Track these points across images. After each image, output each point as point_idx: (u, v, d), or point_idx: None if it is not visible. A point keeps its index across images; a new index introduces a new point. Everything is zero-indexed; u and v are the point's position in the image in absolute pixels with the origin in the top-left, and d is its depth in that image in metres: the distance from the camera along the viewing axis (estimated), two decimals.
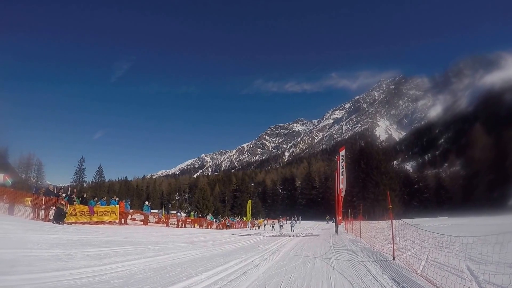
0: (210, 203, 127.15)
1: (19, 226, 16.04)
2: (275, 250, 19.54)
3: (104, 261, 11.20)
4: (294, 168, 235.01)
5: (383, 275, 11.25)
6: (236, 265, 12.86)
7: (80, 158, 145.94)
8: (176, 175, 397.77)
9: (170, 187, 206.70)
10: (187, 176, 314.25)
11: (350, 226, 42.36)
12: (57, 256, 10.74)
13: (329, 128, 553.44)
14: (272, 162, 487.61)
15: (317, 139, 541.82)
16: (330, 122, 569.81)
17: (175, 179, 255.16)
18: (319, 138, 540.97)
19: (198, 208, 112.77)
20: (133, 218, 41.47)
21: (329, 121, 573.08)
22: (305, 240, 28.77)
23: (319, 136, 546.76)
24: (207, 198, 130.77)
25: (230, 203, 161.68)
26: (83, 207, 28.36)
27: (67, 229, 19.60)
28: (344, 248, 20.53)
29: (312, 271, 12.02)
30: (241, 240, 28.40)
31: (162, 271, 10.46)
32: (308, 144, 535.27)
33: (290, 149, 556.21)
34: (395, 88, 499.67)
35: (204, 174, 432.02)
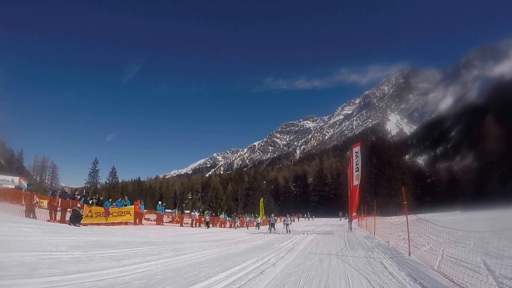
0: (223, 202, 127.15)
1: (37, 228, 16.16)
2: (291, 248, 19.50)
3: (124, 262, 11.26)
4: (305, 165, 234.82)
5: (399, 271, 11.24)
6: (253, 264, 12.87)
7: (94, 160, 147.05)
8: (189, 175, 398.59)
9: (183, 187, 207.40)
10: (199, 175, 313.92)
11: (363, 222, 42.18)
12: (77, 258, 10.83)
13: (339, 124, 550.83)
14: (283, 159, 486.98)
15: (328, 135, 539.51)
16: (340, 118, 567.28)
17: (188, 179, 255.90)
18: (330, 134, 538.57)
19: (211, 207, 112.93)
20: (147, 218, 41.60)
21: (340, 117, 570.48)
22: (320, 238, 28.70)
23: (330, 133, 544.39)
24: (220, 197, 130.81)
25: (243, 201, 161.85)
26: (99, 209, 28.57)
27: (84, 231, 19.74)
28: (359, 245, 20.47)
29: (329, 268, 12.00)
30: (256, 239, 28.40)
31: (181, 271, 10.49)
32: (319, 140, 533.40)
33: (301, 146, 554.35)
34: (405, 82, 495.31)
35: (216, 173, 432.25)
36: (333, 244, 21.55)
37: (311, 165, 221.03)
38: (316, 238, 28.55)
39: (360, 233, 32.04)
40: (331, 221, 77.17)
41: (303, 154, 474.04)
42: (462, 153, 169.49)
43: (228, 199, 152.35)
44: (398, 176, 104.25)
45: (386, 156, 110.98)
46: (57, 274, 8.38)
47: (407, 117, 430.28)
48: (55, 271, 8.65)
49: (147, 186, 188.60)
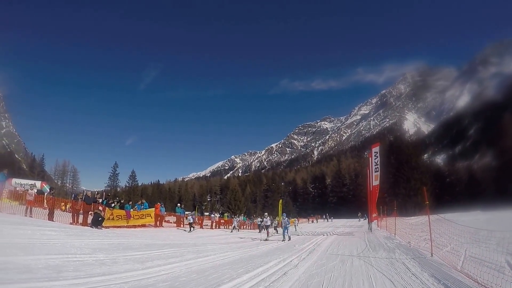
0: (241, 204, 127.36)
1: (61, 231, 16.34)
2: (312, 249, 19.43)
3: (147, 265, 11.33)
4: (323, 166, 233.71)
5: (422, 272, 11.12)
6: (275, 265, 12.84)
7: (114, 164, 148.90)
8: (207, 177, 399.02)
9: (202, 189, 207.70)
10: (218, 177, 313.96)
11: (383, 223, 41.88)
12: (101, 261, 10.92)
13: (357, 124, 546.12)
14: (301, 161, 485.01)
15: (345, 136, 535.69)
16: (357, 118, 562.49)
17: (206, 181, 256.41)
18: (348, 135, 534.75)
19: (230, 209, 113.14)
20: (166, 220, 41.74)
21: (357, 117, 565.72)
22: (340, 239, 28.56)
23: (347, 133, 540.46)
24: (239, 199, 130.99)
25: (261, 203, 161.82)
26: (120, 212, 28.74)
27: (106, 234, 19.89)
28: (380, 246, 20.33)
29: (351, 269, 11.94)
30: (276, 240, 28.36)
31: (205, 273, 10.51)
32: (337, 141, 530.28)
33: (319, 147, 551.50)
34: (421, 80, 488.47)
35: (234, 175, 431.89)
36: (354, 245, 21.41)
37: (329, 166, 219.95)
38: (337, 239, 28.40)
39: (380, 234, 31.80)
40: (350, 222, 76.63)
41: (321, 155, 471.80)
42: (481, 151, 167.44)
43: (247, 201, 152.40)
44: (416, 176, 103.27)
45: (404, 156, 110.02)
46: (82, 276, 8.46)
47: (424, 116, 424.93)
48: (80, 274, 8.74)
49: (166, 189, 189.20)
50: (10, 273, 7.70)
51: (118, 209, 29.11)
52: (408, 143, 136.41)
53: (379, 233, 33.22)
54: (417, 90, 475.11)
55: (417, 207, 75.38)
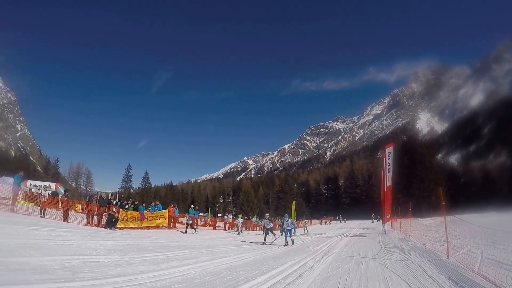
0: (254, 205, 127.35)
1: (76, 232, 16.41)
2: (326, 251, 19.37)
3: (162, 266, 11.34)
4: (336, 167, 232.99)
5: (439, 274, 11.04)
6: (290, 267, 12.80)
7: (127, 166, 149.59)
8: (220, 179, 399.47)
9: (214, 191, 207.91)
10: (230, 179, 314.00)
11: (397, 224, 41.63)
12: (116, 262, 10.95)
13: (369, 124, 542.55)
14: (314, 162, 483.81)
15: (358, 136, 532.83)
16: (370, 118, 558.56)
17: (219, 183, 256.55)
18: (360, 135, 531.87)
19: (243, 210, 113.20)
20: (180, 221, 41.84)
21: (369, 117, 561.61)
22: (354, 240, 28.43)
23: (360, 133, 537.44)
24: (252, 200, 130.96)
25: (274, 204, 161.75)
26: (134, 213, 28.91)
27: (121, 235, 19.97)
28: (395, 248, 20.22)
29: (367, 272, 11.88)
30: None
31: (219, 275, 10.50)
32: (349, 142, 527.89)
33: (331, 148, 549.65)
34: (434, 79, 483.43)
35: (247, 176, 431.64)
36: (368, 247, 21.35)
37: (342, 167, 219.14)
38: (351, 241, 28.29)
39: (395, 236, 31.63)
40: (363, 223, 76.31)
41: (334, 156, 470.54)
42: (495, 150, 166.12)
43: (260, 203, 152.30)
44: (430, 176, 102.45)
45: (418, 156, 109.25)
46: (98, 277, 8.46)
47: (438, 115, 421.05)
48: (96, 275, 8.75)
49: (179, 190, 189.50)
50: (26, 274, 7.72)
51: (132, 211, 29.27)
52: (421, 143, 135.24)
53: (393, 235, 33.04)
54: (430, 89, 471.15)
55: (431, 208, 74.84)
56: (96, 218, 25.17)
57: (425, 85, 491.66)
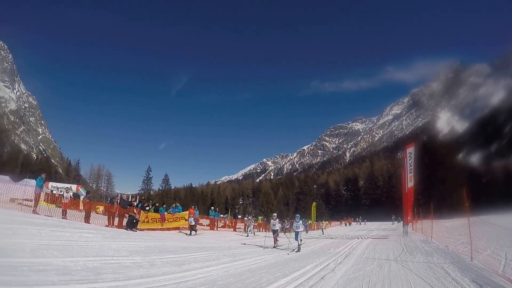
0: (274, 207, 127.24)
1: (98, 234, 16.52)
2: (347, 253, 19.28)
3: (184, 268, 11.33)
4: (356, 168, 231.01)
5: (463, 277, 10.93)
6: (312, 269, 12.74)
7: (147, 168, 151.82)
8: (239, 180, 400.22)
9: (234, 192, 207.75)
10: (250, 181, 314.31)
11: (418, 226, 41.23)
12: (138, 263, 10.99)
13: (389, 124, 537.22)
14: (333, 163, 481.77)
15: (377, 136, 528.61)
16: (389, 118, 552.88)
17: (239, 184, 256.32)
18: (380, 135, 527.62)
19: (263, 211, 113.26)
20: (199, 223, 41.91)
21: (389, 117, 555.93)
22: (375, 242, 28.24)
23: (380, 134, 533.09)
24: (271, 202, 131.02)
25: (294, 206, 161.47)
26: (155, 215, 29.02)
27: (142, 236, 20.07)
28: (417, 250, 20.03)
29: (390, 274, 11.78)
30: (310, 244, 28.19)
31: (242, 276, 10.46)
32: (369, 142, 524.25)
33: (351, 149, 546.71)
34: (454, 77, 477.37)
35: (266, 178, 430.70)
36: (390, 249, 21.18)
37: (362, 168, 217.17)
38: (372, 242, 28.11)
39: (416, 237, 31.35)
40: (383, 225, 75.61)
41: (353, 157, 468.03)
42: None
43: (279, 204, 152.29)
44: (452, 176, 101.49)
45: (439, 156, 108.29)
46: (120, 279, 8.47)
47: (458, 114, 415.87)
48: (119, 276, 8.76)
49: (199, 192, 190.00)
50: (49, 274, 7.77)
51: (152, 212, 29.39)
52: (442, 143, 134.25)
53: (415, 237, 32.77)
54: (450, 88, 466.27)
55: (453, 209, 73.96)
56: (117, 220, 25.38)
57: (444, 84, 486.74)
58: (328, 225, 77.61)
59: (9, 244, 10.17)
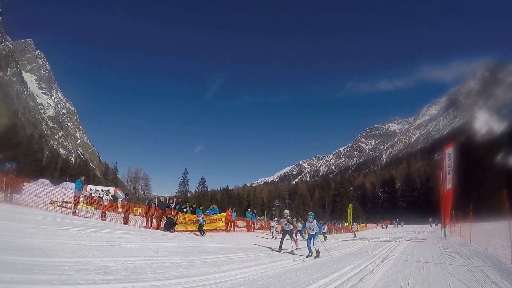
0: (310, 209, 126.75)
1: (137, 235, 16.74)
2: (385, 255, 19.03)
3: (223, 268, 11.36)
4: (392, 170, 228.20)
5: (503, 280, 10.71)
6: (350, 271, 12.61)
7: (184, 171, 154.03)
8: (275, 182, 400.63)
9: (270, 194, 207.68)
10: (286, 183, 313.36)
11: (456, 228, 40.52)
12: (177, 264, 11.07)
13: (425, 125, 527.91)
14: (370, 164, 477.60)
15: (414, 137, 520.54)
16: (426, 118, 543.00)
17: (275, 186, 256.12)
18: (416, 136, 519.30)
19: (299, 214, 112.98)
20: (236, 225, 42.03)
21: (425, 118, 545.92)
22: (413, 245, 27.94)
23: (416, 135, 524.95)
24: (307, 203, 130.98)
25: (330, 208, 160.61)
26: (192, 216, 29.18)
27: (180, 237, 20.25)
28: (455, 253, 19.70)
29: (429, 276, 11.60)
30: (347, 246, 28.09)
31: (281, 277, 10.41)
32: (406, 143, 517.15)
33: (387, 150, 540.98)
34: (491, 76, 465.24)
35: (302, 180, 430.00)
36: (428, 252, 20.91)
37: (398, 169, 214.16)
38: (409, 245, 27.83)
39: (455, 240, 30.87)
40: (420, 227, 74.46)
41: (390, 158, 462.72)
42: None
43: (315, 206, 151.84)
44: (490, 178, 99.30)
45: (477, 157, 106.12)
46: (160, 278, 8.53)
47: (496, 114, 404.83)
48: (159, 276, 8.84)
49: (235, 194, 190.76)
50: (91, 274, 7.89)
51: (190, 214, 29.59)
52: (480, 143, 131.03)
53: (453, 239, 32.28)
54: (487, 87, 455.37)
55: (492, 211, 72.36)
56: (155, 221, 25.70)
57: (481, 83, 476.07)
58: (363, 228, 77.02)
59: (50, 244, 10.39)
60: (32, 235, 11.25)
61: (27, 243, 9.83)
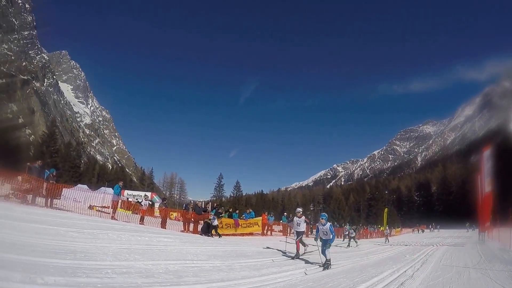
0: (345, 213, 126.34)
1: (176, 238, 16.89)
2: (424, 260, 18.83)
3: (262, 272, 11.37)
4: (428, 173, 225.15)
5: None
6: (390, 275, 12.47)
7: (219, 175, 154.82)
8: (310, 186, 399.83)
9: (305, 199, 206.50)
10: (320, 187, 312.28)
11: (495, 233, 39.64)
12: (217, 267, 11.14)
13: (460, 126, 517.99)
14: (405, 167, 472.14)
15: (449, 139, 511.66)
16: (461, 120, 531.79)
17: (309, 191, 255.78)
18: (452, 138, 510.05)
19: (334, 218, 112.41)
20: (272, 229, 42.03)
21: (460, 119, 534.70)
22: (451, 250, 27.54)
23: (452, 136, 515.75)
24: (343, 208, 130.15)
25: (365, 212, 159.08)
26: (229, 220, 29.40)
27: (218, 241, 20.36)
28: (495, 258, 19.25)
29: (470, 282, 11.44)
30: (384, 250, 27.84)
31: (321, 281, 10.36)
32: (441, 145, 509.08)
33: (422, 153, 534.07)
34: None
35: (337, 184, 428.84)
36: (467, 257, 20.60)
37: (434, 173, 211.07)
38: (448, 250, 27.45)
39: (494, 245, 30.18)
40: (457, 232, 72.89)
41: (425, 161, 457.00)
42: None
43: (351, 210, 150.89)
44: None
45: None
46: (202, 282, 8.61)
47: None
48: (200, 279, 8.90)
49: (269, 198, 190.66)
50: (133, 276, 8.01)
51: (226, 218, 29.77)
52: None
53: (492, 245, 31.57)
54: None
55: None
56: (192, 226, 25.88)
57: None
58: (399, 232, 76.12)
59: (92, 248, 10.54)
60: (74, 238, 11.46)
61: (70, 246, 10.01)
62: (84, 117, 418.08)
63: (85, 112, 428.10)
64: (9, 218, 12.36)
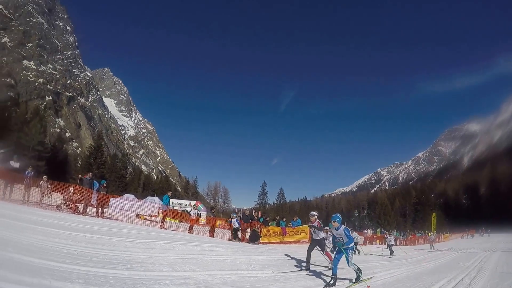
0: (391, 218, 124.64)
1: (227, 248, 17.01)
2: (479, 267, 18.60)
3: (318, 282, 11.36)
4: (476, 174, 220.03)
5: None
6: (447, 284, 12.42)
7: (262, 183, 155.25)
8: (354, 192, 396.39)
9: (349, 204, 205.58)
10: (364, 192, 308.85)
11: None
12: (273, 277, 11.14)
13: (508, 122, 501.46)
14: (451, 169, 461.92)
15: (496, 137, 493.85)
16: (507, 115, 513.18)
17: (353, 196, 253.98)
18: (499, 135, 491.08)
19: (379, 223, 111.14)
20: None
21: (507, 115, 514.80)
22: (505, 256, 27.07)
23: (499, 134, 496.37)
24: (388, 213, 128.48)
25: (412, 217, 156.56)
26: (276, 228, 29.33)
27: (269, 250, 20.29)
28: None
29: None
30: (436, 257, 27.30)
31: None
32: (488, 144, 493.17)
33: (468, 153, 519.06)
34: None
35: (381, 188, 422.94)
36: None
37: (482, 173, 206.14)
38: (502, 256, 26.97)
39: None
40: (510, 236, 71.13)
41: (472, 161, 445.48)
42: None
43: (396, 215, 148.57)
44: None
45: None
46: None
47: None
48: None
49: (313, 205, 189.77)
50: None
51: (274, 226, 29.73)
52: None
53: None
54: None
55: None
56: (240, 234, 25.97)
57: None
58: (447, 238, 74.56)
59: (147, 258, 10.72)
60: (128, 248, 11.72)
61: (126, 256, 10.23)
62: (128, 129, 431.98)
63: (129, 125, 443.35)
64: (63, 228, 12.71)
